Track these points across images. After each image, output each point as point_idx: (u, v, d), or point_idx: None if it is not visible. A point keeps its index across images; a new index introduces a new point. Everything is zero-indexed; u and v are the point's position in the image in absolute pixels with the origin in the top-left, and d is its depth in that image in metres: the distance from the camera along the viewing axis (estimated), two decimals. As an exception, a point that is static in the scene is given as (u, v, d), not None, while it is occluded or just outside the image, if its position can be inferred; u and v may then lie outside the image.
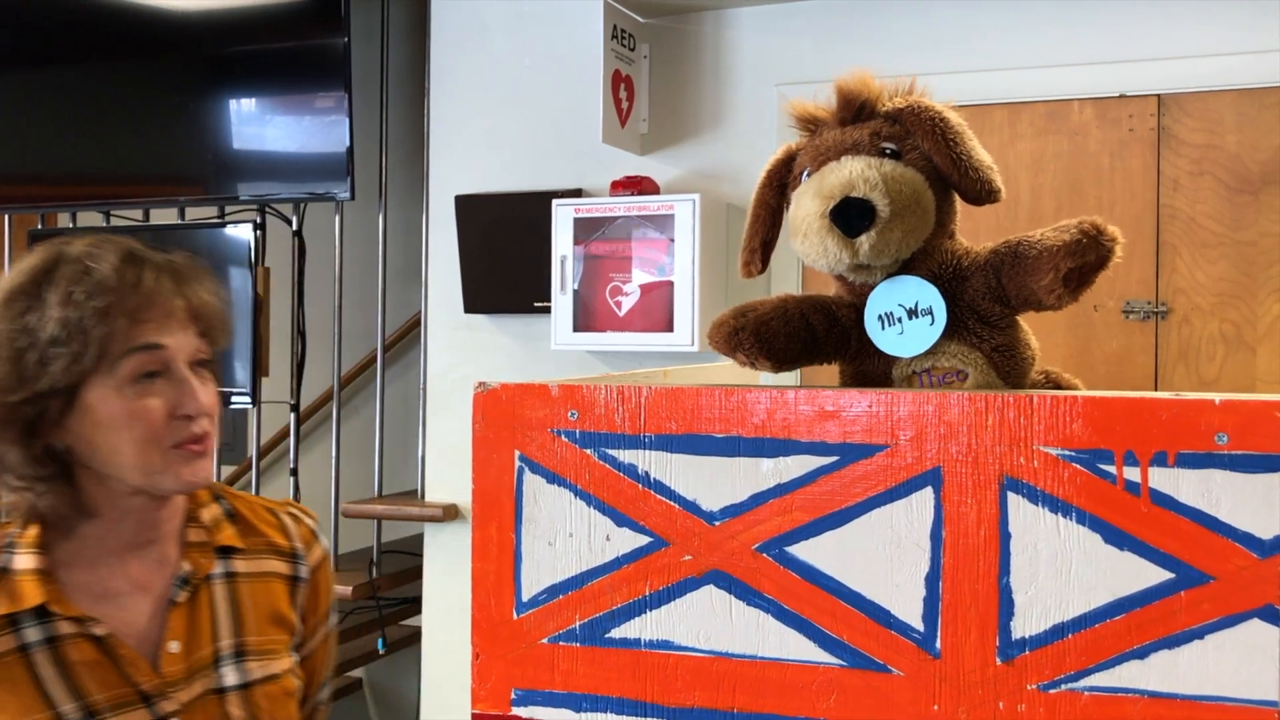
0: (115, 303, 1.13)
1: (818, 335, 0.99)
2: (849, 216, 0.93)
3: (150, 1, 3.65)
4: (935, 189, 0.98)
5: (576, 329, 3.10)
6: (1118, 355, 2.84)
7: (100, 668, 1.14)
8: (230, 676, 1.22)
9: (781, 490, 0.81)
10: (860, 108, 1.00)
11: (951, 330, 0.97)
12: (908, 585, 0.79)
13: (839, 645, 0.80)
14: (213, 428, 1.21)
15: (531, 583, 0.87)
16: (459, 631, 3.41)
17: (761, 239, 1.07)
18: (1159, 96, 2.81)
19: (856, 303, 1.00)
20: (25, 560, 1.15)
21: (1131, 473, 0.75)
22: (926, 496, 0.78)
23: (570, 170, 3.34)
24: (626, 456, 0.84)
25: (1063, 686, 0.76)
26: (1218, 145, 2.77)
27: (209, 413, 1.20)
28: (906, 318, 0.96)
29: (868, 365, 1.01)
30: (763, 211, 1.06)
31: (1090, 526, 0.75)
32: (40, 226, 4.03)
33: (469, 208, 3.41)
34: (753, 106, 3.16)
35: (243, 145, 3.59)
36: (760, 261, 1.07)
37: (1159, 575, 0.74)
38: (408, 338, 4.46)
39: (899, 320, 0.96)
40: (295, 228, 3.58)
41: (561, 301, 3.11)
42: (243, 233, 3.50)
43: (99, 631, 1.15)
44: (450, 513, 3.44)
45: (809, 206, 0.95)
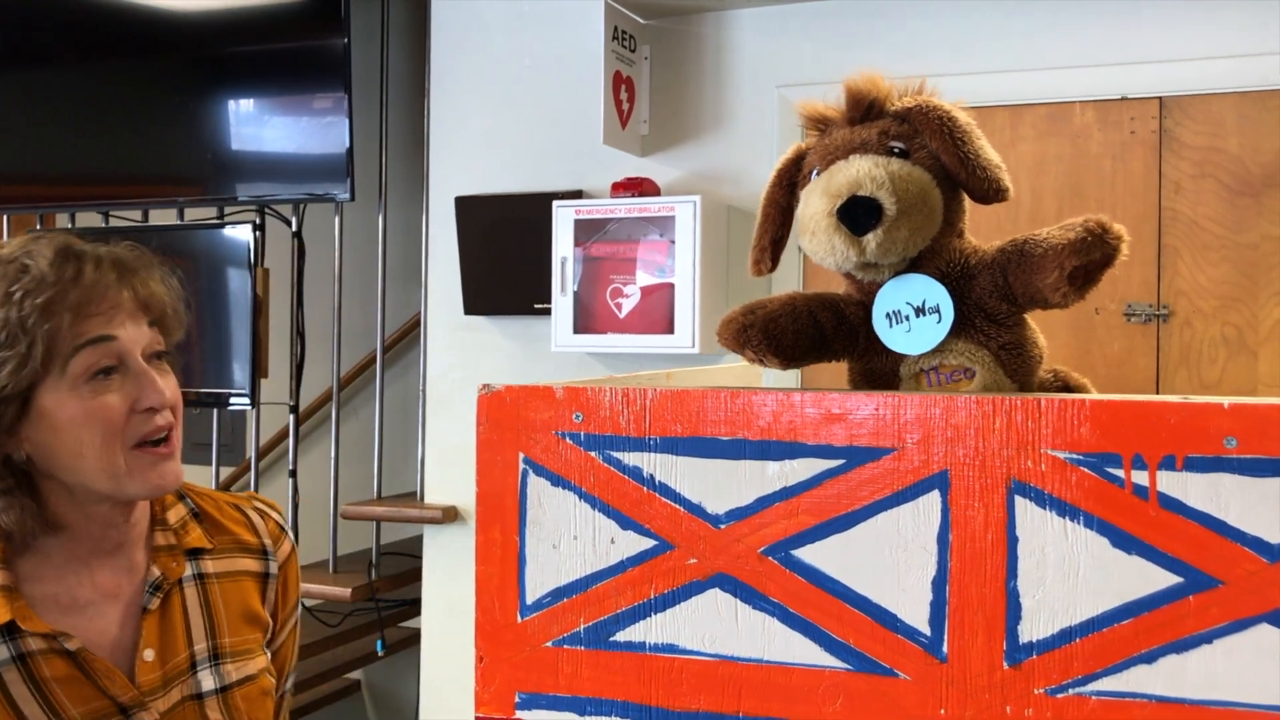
0: (56, 297, 1.09)
1: (826, 333, 0.99)
2: (856, 215, 0.93)
3: (150, 1, 3.65)
4: (943, 188, 0.98)
5: (577, 330, 3.10)
6: (1119, 358, 2.84)
7: (74, 683, 1.11)
8: (208, 681, 1.20)
9: (787, 493, 0.81)
10: (869, 107, 1.00)
11: (959, 328, 0.97)
12: (914, 589, 0.78)
13: (845, 649, 0.80)
14: (177, 422, 1.17)
15: (535, 586, 0.86)
16: (458, 634, 3.41)
17: (771, 237, 1.07)
18: (1161, 99, 2.81)
19: (865, 300, 1.00)
20: None
21: (1139, 476, 0.74)
22: (933, 500, 0.78)
23: (571, 171, 3.34)
24: (631, 459, 0.84)
25: (1070, 691, 0.75)
26: (1219, 148, 2.77)
27: (171, 405, 1.15)
28: (914, 315, 0.96)
29: (875, 363, 1.01)
30: (773, 210, 1.06)
31: (1098, 530, 0.75)
32: (39, 227, 4.03)
33: (469, 209, 3.41)
34: (753, 108, 3.16)
35: (242, 146, 3.59)
36: (770, 260, 1.07)
37: (1167, 579, 0.74)
38: (407, 339, 4.45)
39: (907, 318, 0.96)
40: (295, 228, 3.58)
41: (562, 303, 3.11)
42: (242, 233, 3.49)
43: (71, 646, 1.12)
44: (450, 515, 3.44)
45: (816, 205, 0.95)
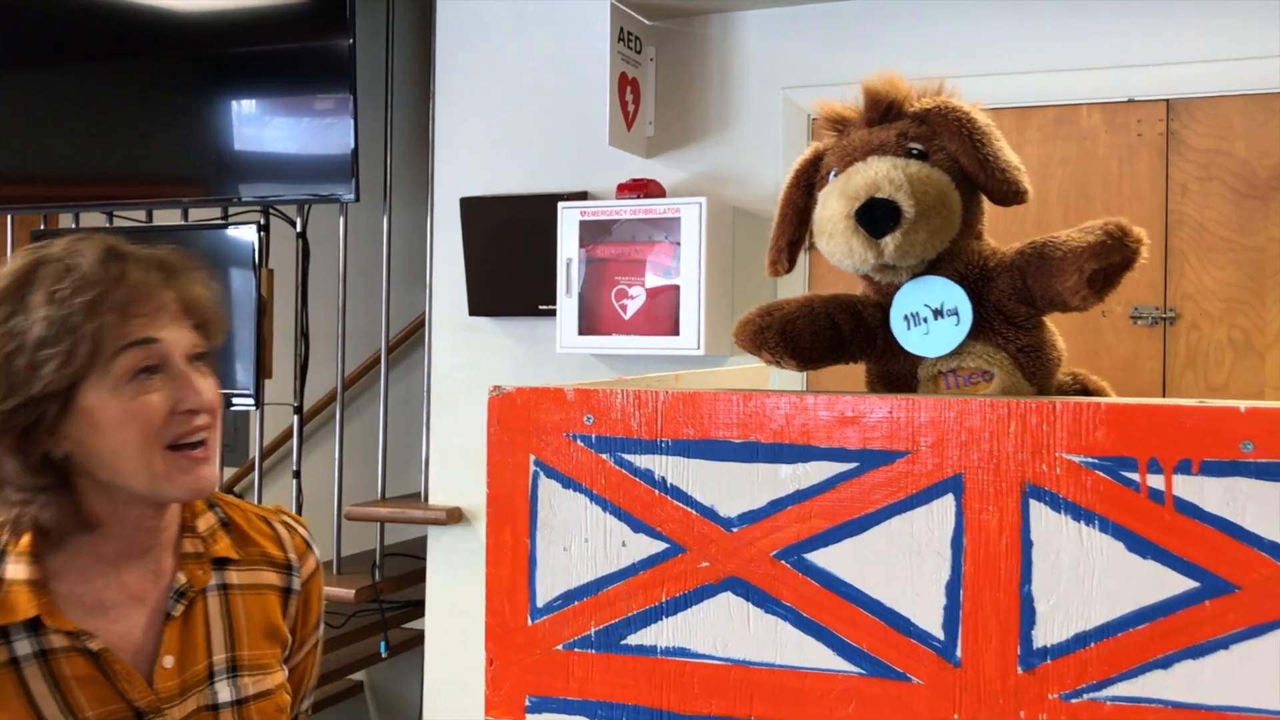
0: (101, 296, 1.10)
1: (843, 335, 0.99)
2: (874, 217, 0.92)
3: (155, 1, 3.65)
4: (962, 190, 0.97)
5: (581, 332, 3.09)
6: (1125, 361, 2.83)
7: (93, 683, 1.12)
8: (224, 693, 1.20)
9: (800, 496, 0.80)
10: (887, 108, 0.99)
11: (977, 330, 0.97)
12: (928, 593, 0.78)
13: (858, 653, 0.79)
14: (215, 425, 1.17)
15: (546, 589, 0.86)
16: (462, 635, 3.40)
17: (789, 238, 1.06)
18: (1168, 101, 2.81)
19: (882, 302, 1.00)
20: (17, 570, 1.13)
21: (1155, 480, 0.74)
22: (947, 504, 0.78)
23: (576, 173, 3.33)
24: (643, 461, 0.83)
25: (1085, 696, 0.75)
26: (1226, 150, 2.76)
27: (211, 408, 1.16)
28: (932, 318, 0.96)
29: (893, 365, 1.00)
30: (790, 211, 1.06)
31: (1113, 535, 0.75)
32: (43, 227, 4.03)
33: (474, 210, 3.40)
34: (759, 110, 3.15)
35: (247, 146, 3.58)
36: (787, 261, 1.07)
37: (1183, 584, 0.73)
38: (411, 340, 4.45)
39: (925, 320, 0.96)
40: (299, 229, 3.57)
41: (566, 304, 3.10)
42: (246, 234, 3.49)
43: (93, 646, 1.12)
44: (454, 516, 3.43)
45: (834, 207, 0.95)
